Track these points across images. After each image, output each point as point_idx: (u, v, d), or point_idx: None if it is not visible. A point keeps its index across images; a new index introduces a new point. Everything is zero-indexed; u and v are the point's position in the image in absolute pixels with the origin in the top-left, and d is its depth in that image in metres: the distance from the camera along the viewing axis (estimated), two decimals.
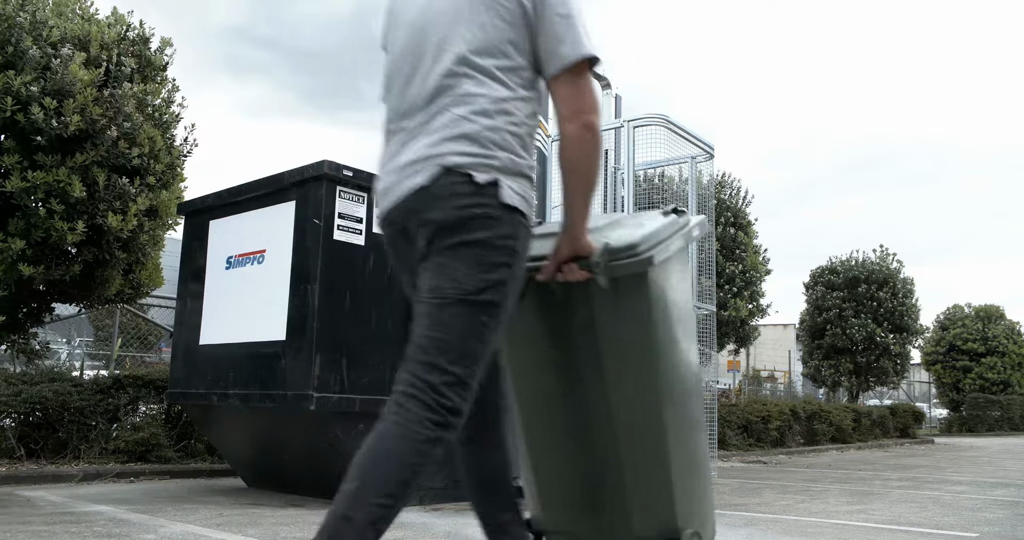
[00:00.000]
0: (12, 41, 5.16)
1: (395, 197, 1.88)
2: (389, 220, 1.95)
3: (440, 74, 1.88)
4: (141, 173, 5.79)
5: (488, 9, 1.88)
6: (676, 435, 2.23)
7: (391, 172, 1.92)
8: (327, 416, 4.32)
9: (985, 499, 5.76)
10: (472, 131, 1.84)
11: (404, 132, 1.93)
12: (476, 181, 1.81)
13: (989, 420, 22.14)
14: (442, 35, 1.90)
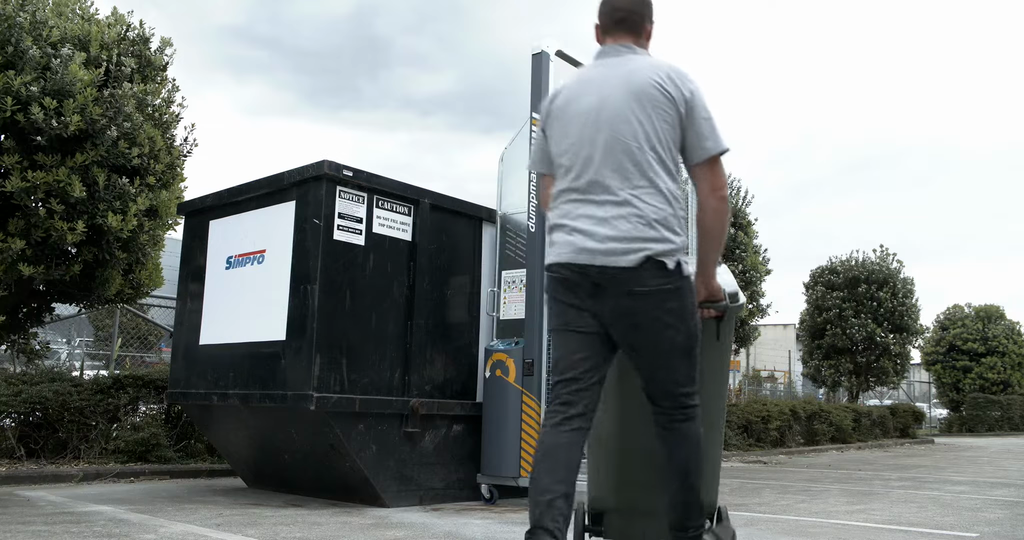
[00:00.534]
0: (12, 41, 5.16)
1: (598, 262, 2.44)
2: (582, 271, 2.47)
3: (624, 166, 2.46)
4: (141, 173, 5.79)
5: (656, 114, 2.47)
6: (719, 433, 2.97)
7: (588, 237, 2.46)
8: (327, 416, 4.33)
9: (985, 499, 5.76)
10: (661, 218, 2.45)
11: (593, 205, 2.49)
12: (668, 266, 2.44)
13: (989, 420, 22.14)
14: (620, 132, 2.47)
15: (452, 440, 4.98)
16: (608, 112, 2.49)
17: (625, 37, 2.65)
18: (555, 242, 2.57)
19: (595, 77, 2.59)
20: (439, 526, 3.90)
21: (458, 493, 4.98)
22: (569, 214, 2.54)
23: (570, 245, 2.50)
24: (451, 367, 5.06)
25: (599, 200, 2.48)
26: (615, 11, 2.67)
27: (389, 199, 4.84)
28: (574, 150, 2.54)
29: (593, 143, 2.50)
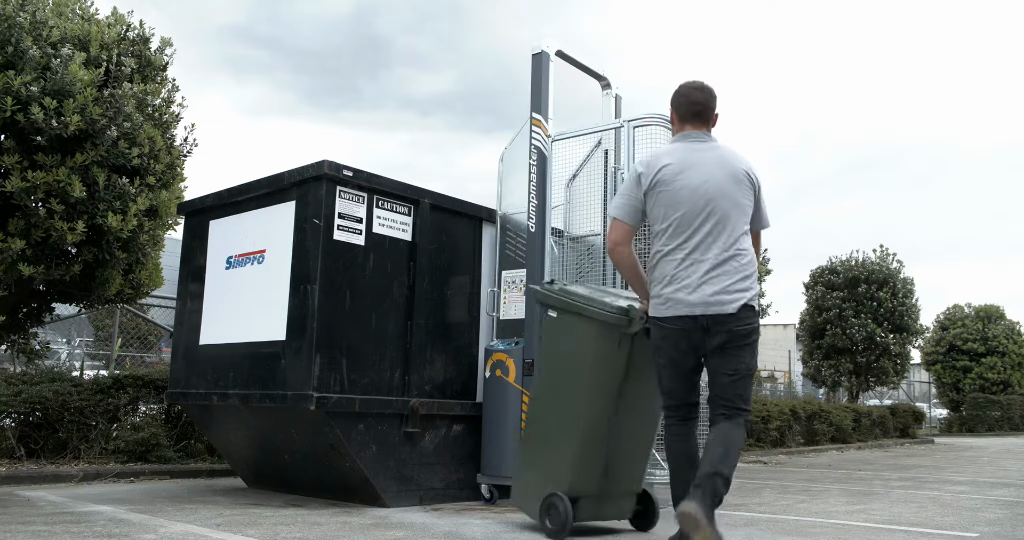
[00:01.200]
0: (12, 41, 5.16)
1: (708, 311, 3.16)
2: (700, 324, 3.19)
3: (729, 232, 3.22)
4: (141, 173, 5.79)
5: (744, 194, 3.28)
6: None
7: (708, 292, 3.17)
8: (327, 416, 4.33)
9: (985, 499, 5.76)
10: (750, 273, 3.23)
11: (702, 263, 3.19)
12: (755, 309, 3.24)
13: (989, 420, 22.14)
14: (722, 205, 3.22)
15: (452, 440, 4.98)
16: (713, 190, 3.21)
17: (701, 126, 3.36)
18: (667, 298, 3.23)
19: (694, 160, 3.27)
20: (439, 526, 3.90)
21: (458, 493, 4.98)
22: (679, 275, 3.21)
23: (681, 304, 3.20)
24: (451, 367, 5.06)
25: (712, 261, 3.18)
26: (692, 105, 3.35)
27: (389, 199, 4.84)
28: (685, 218, 3.22)
29: (701, 214, 3.21)
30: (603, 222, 5.33)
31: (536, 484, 3.73)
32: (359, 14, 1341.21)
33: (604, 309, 3.52)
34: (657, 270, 3.28)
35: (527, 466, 3.84)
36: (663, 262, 3.26)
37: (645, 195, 3.30)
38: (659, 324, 3.27)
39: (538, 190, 4.95)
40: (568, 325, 3.69)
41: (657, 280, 3.27)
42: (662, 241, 3.26)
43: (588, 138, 5.28)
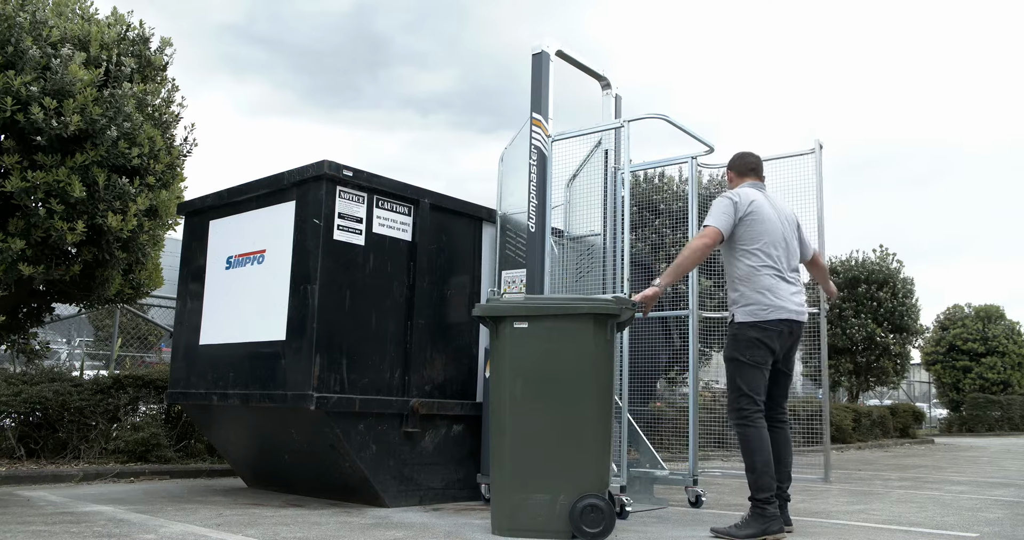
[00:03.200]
0: (12, 41, 5.16)
1: (800, 319, 4.02)
2: (790, 327, 3.98)
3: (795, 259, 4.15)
4: (141, 173, 5.79)
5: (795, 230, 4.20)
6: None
7: (796, 303, 4.01)
8: (327, 416, 4.33)
9: (985, 499, 5.76)
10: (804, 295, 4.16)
11: (787, 280, 4.02)
12: None
13: (989, 420, 22.13)
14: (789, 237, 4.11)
15: (452, 440, 4.98)
16: (784, 225, 4.10)
17: (756, 179, 4.24)
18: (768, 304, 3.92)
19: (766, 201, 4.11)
20: (439, 526, 3.90)
21: (458, 493, 4.98)
22: (777, 287, 3.97)
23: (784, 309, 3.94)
24: (451, 367, 5.06)
25: (790, 279, 4.03)
26: (748, 164, 4.26)
27: (389, 199, 4.84)
28: (774, 246, 4.02)
29: (779, 242, 4.04)
30: (603, 222, 5.33)
31: (547, 501, 3.57)
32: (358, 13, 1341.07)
33: (594, 303, 3.70)
34: (756, 281, 3.96)
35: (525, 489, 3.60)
36: (762, 276, 3.96)
37: (739, 221, 4.00)
38: (761, 326, 3.91)
39: (538, 190, 4.95)
40: (551, 329, 3.69)
41: (759, 289, 3.95)
42: (757, 258, 3.98)
43: (588, 138, 5.28)
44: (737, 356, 3.92)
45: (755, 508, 3.74)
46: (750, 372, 3.89)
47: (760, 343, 3.89)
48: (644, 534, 3.83)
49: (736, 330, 3.96)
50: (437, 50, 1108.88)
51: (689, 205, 5.68)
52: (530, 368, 3.70)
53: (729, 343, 4.00)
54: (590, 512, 3.50)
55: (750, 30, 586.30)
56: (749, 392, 3.85)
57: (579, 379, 3.67)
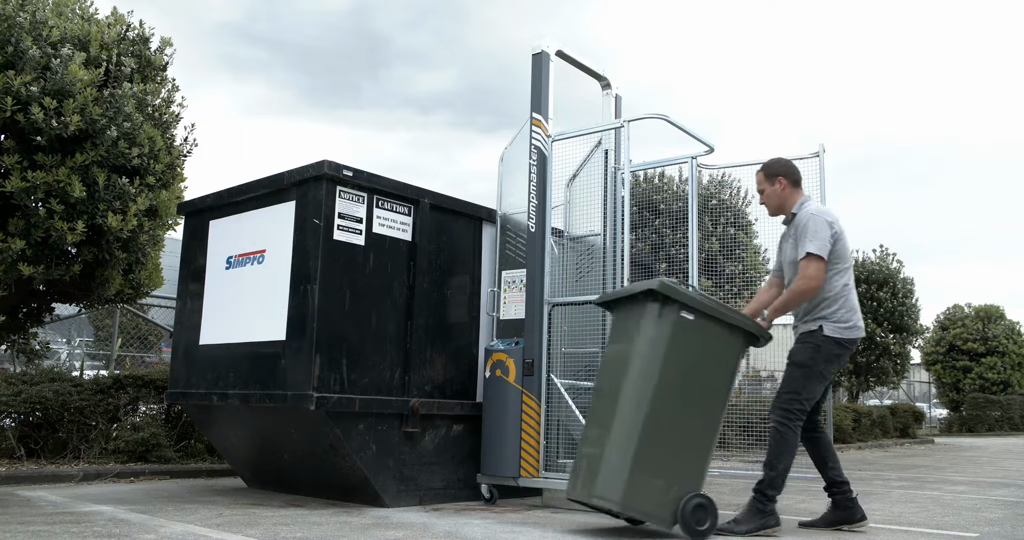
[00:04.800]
0: (12, 41, 5.16)
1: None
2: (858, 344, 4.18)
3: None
4: (141, 173, 5.79)
5: None
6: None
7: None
8: (327, 416, 4.33)
9: (985, 499, 5.76)
10: None
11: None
12: None
13: (989, 420, 22.13)
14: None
15: (452, 440, 4.98)
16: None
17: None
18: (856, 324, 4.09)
19: None
20: (439, 526, 3.90)
21: (458, 493, 4.98)
22: (858, 306, 4.16)
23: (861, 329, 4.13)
24: (451, 367, 5.06)
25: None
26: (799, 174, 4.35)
27: (389, 199, 4.84)
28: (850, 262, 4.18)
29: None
30: (603, 222, 5.33)
31: (662, 488, 3.68)
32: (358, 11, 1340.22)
33: (749, 323, 3.96)
34: (849, 300, 4.09)
35: (646, 471, 3.69)
36: (852, 295, 4.12)
37: (834, 241, 4.08)
38: (842, 343, 4.05)
39: (538, 190, 4.95)
40: (709, 332, 3.83)
41: (851, 308, 4.09)
42: (847, 276, 4.12)
43: (588, 138, 5.28)
44: (812, 365, 4.02)
45: (757, 502, 3.89)
46: (816, 383, 4.04)
47: (839, 359, 4.10)
48: (644, 534, 3.82)
49: (821, 341, 4.03)
50: (437, 49, 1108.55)
51: (689, 205, 5.68)
52: (683, 361, 3.79)
53: (806, 349, 4.05)
54: (699, 510, 3.67)
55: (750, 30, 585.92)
56: (805, 399, 4.01)
57: (719, 386, 3.88)
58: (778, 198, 4.30)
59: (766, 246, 13.62)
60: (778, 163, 4.34)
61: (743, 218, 12.89)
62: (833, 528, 4.08)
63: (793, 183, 4.29)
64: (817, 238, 4.01)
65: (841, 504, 4.11)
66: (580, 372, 5.12)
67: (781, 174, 4.28)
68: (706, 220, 10.30)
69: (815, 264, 3.99)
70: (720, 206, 12.11)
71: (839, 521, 4.09)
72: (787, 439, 3.96)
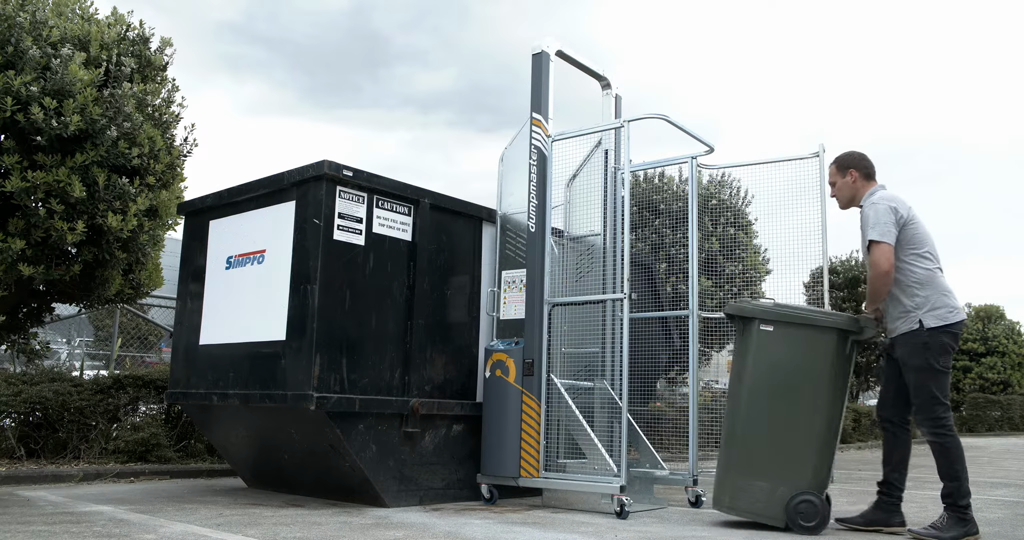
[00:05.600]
0: (12, 41, 5.16)
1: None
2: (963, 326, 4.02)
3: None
4: (141, 173, 5.79)
5: None
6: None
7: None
8: (327, 416, 4.33)
9: (985, 499, 5.76)
10: None
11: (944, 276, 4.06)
12: None
13: (989, 420, 22.12)
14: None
15: (452, 440, 4.98)
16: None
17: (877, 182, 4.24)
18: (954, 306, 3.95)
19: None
20: (439, 526, 3.90)
21: (458, 493, 4.98)
22: (951, 289, 3.98)
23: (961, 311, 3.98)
24: (451, 367, 5.06)
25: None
26: (871, 166, 4.24)
27: (389, 199, 4.84)
28: (934, 248, 4.04)
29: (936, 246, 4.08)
30: (603, 222, 5.33)
31: (770, 487, 3.97)
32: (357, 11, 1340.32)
33: (837, 318, 4.02)
34: (938, 283, 3.96)
35: (750, 472, 4.02)
36: (940, 277, 3.99)
37: (902, 226, 4.00)
38: (951, 330, 3.92)
39: (538, 190, 4.95)
40: (792, 336, 4.04)
41: (943, 292, 3.95)
42: (931, 261, 4.00)
43: (588, 138, 5.28)
44: (932, 364, 3.94)
45: (957, 513, 3.82)
46: (943, 378, 3.96)
47: (951, 348, 3.97)
48: (644, 534, 3.83)
49: (928, 337, 3.93)
50: (436, 48, 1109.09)
51: (689, 205, 5.67)
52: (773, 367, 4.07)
53: (918, 351, 3.97)
54: (806, 507, 3.88)
55: (751, 30, 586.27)
56: (944, 400, 3.93)
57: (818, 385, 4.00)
58: (850, 190, 4.26)
59: (766, 246, 13.63)
60: (851, 156, 4.30)
61: (743, 218, 12.90)
62: (871, 528, 4.05)
63: (865, 176, 4.23)
64: (879, 224, 3.97)
65: (884, 505, 4.09)
66: (580, 372, 5.12)
67: (853, 166, 4.25)
68: (706, 220, 10.31)
69: (878, 249, 3.95)
70: (720, 206, 12.11)
71: (878, 522, 4.06)
72: (948, 447, 3.87)
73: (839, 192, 4.31)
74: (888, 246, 3.94)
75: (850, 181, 4.25)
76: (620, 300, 4.65)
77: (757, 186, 5.35)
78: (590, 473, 4.56)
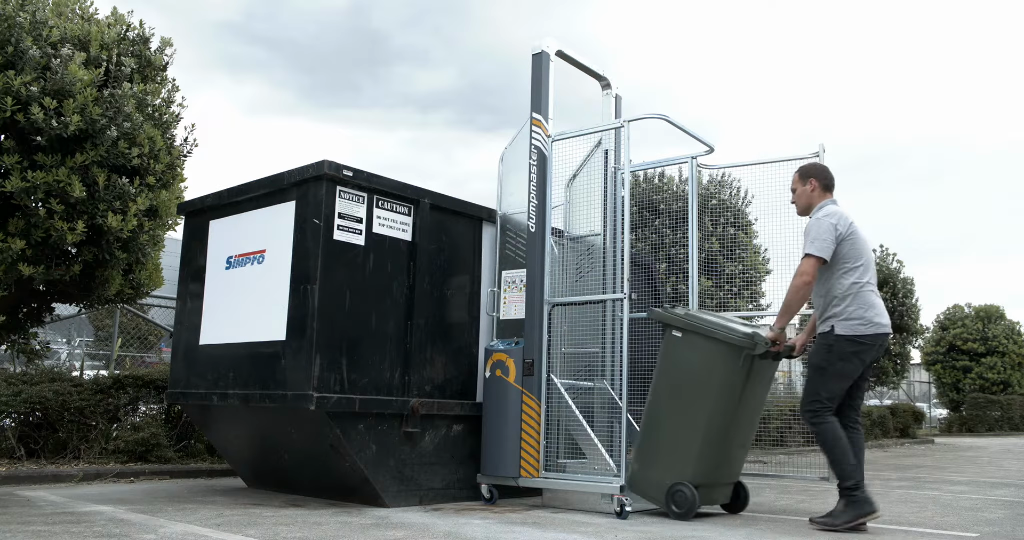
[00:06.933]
0: (12, 41, 5.16)
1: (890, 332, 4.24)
2: (882, 341, 4.21)
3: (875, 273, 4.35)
4: (141, 173, 5.79)
5: None
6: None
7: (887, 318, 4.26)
8: (327, 416, 4.33)
9: (985, 499, 5.76)
10: None
11: (879, 297, 4.28)
12: None
13: (989, 420, 22.13)
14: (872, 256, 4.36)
15: (452, 440, 4.98)
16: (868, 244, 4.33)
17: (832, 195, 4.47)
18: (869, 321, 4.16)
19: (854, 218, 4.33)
20: (439, 526, 3.90)
21: (458, 493, 4.98)
22: (876, 303, 4.22)
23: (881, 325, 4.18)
24: (451, 367, 5.06)
25: (878, 294, 4.28)
26: (832, 179, 4.48)
27: (389, 199, 4.84)
28: (868, 261, 4.26)
29: (871, 260, 4.30)
30: (603, 222, 5.33)
31: (658, 476, 4.40)
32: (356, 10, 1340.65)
33: (733, 334, 4.32)
34: (861, 297, 4.19)
35: (647, 461, 4.49)
36: (864, 292, 4.20)
37: (839, 242, 4.22)
38: (858, 340, 4.16)
39: (538, 190, 4.95)
40: (694, 344, 4.40)
41: (860, 305, 4.18)
42: (858, 274, 4.22)
43: (588, 138, 5.28)
44: (825, 366, 4.21)
45: (847, 496, 4.08)
46: (835, 381, 4.21)
47: (855, 357, 4.18)
48: (644, 534, 3.82)
49: (833, 341, 4.20)
50: (436, 47, 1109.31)
51: (689, 205, 5.67)
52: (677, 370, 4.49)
53: (821, 351, 4.25)
54: (679, 496, 4.29)
55: (751, 30, 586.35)
56: (825, 398, 4.21)
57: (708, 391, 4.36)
58: (807, 198, 4.48)
59: (766, 246, 13.62)
60: (814, 167, 4.56)
61: (743, 218, 12.89)
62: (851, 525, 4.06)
63: (824, 187, 4.45)
64: (818, 239, 4.21)
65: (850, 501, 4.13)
66: (580, 372, 5.12)
67: (814, 176, 4.48)
68: (706, 220, 10.30)
69: (808, 261, 4.21)
70: (720, 206, 12.11)
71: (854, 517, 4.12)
72: (823, 434, 4.20)
73: (797, 199, 4.53)
74: (817, 260, 4.20)
75: (809, 190, 4.47)
76: (620, 300, 4.65)
77: (757, 186, 5.36)
78: (590, 473, 4.56)
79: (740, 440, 4.59)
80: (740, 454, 4.66)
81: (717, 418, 4.35)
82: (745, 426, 4.57)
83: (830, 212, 4.32)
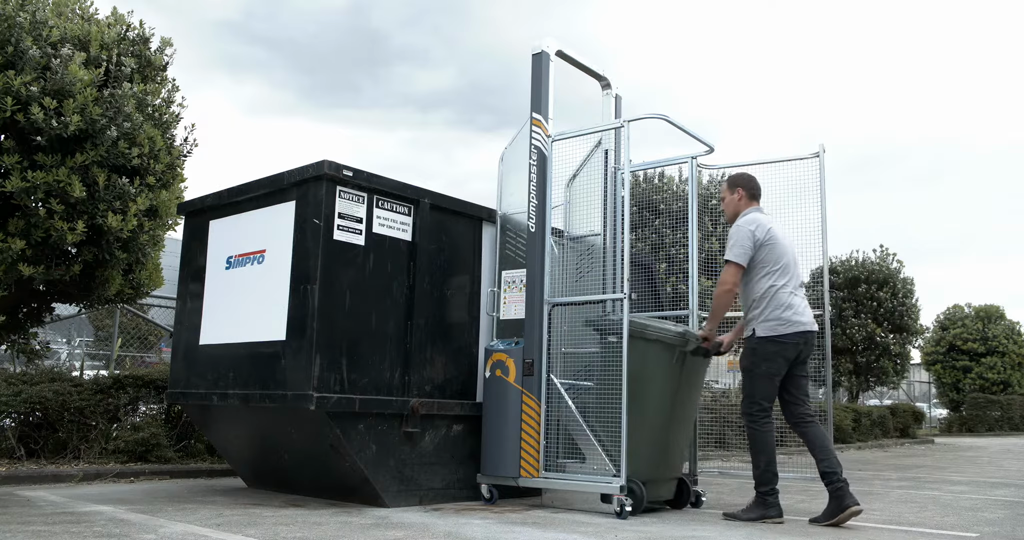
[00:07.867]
0: (12, 41, 5.16)
1: (815, 329, 4.43)
2: (804, 338, 4.39)
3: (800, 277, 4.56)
4: (141, 173, 5.79)
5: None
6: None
7: (809, 316, 4.44)
8: (327, 416, 4.33)
9: (985, 499, 5.76)
10: None
11: (801, 296, 4.47)
12: None
13: (989, 420, 22.13)
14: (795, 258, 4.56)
15: (452, 440, 4.98)
16: (790, 247, 4.52)
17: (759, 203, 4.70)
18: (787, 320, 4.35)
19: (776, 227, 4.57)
20: (439, 526, 3.90)
21: (458, 493, 4.98)
22: (793, 303, 4.39)
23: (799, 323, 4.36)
24: (451, 367, 5.06)
25: (801, 295, 4.47)
26: (758, 188, 4.72)
27: (389, 199, 4.84)
28: (785, 264, 4.44)
29: (791, 263, 4.48)
30: (603, 222, 5.33)
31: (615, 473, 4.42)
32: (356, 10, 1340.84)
33: (666, 333, 4.50)
34: (775, 299, 4.38)
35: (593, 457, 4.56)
36: (780, 294, 4.39)
37: (758, 247, 4.42)
38: (778, 340, 4.33)
39: (538, 190, 4.95)
40: (637, 346, 4.46)
41: (776, 307, 4.37)
42: (775, 278, 4.41)
43: (588, 138, 5.28)
44: (752, 368, 4.40)
45: (758, 498, 4.32)
46: (763, 383, 4.36)
47: (778, 356, 4.35)
48: (644, 534, 3.83)
49: (756, 344, 4.40)
50: (436, 47, 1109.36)
51: (689, 205, 5.67)
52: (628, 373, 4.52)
53: (747, 354, 4.46)
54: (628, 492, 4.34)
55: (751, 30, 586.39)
56: (760, 400, 4.36)
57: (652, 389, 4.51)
58: (734, 206, 4.70)
59: None
60: (741, 176, 4.75)
61: (742, 219, 12.90)
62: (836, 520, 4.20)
63: (750, 196, 4.67)
64: (736, 246, 4.44)
65: (835, 495, 4.25)
66: (580, 372, 5.12)
67: (741, 185, 4.69)
68: (706, 220, 10.30)
69: (727, 268, 4.45)
70: (720, 206, 12.08)
71: (837, 512, 4.23)
72: (755, 437, 4.34)
73: (726, 207, 4.75)
74: (737, 267, 4.43)
75: (736, 198, 4.68)
76: (620, 300, 4.65)
77: None
78: (590, 473, 4.56)
79: (680, 436, 4.77)
80: (680, 450, 4.83)
81: (658, 416, 4.54)
82: (684, 422, 4.78)
83: (750, 220, 4.51)
